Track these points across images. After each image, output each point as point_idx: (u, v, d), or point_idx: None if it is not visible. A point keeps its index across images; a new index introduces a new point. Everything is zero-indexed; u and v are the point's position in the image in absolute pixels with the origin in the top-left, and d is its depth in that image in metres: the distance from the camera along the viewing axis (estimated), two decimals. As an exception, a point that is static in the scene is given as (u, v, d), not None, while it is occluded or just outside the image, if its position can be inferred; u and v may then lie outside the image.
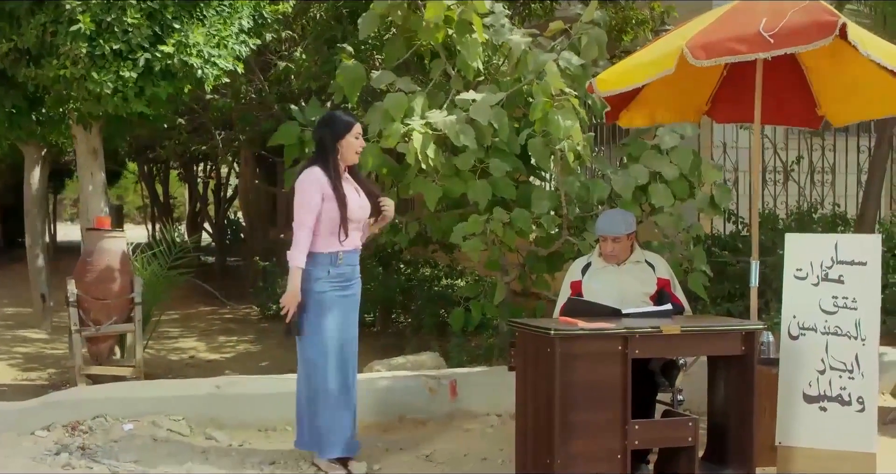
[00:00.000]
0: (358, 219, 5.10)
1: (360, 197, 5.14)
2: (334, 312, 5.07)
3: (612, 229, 5.36)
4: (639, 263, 5.42)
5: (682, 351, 4.78)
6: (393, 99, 6.71)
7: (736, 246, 8.96)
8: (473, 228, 6.67)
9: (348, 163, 5.14)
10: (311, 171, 5.01)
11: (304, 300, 5.04)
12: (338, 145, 5.08)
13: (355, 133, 5.13)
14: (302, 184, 5.02)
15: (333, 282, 5.04)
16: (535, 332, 4.62)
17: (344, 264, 5.06)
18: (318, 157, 5.10)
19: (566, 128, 6.36)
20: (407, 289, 9.69)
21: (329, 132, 5.10)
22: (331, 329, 5.06)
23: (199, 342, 9.83)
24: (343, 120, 5.13)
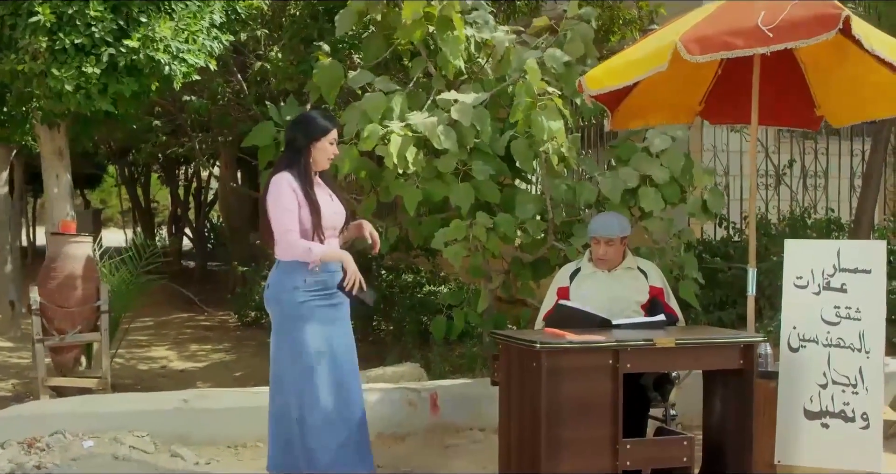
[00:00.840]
0: (333, 225, 4.78)
1: (333, 202, 4.82)
2: (316, 324, 4.68)
3: (605, 230, 5.08)
4: (630, 270, 5.14)
5: (677, 365, 4.49)
6: (371, 99, 6.44)
7: (727, 252, 8.70)
8: (455, 234, 6.39)
9: (319, 169, 4.82)
10: (283, 176, 4.69)
11: (280, 312, 4.72)
12: (311, 148, 4.75)
13: (331, 138, 4.80)
14: (276, 188, 4.69)
15: (312, 291, 4.69)
16: (519, 345, 4.32)
17: (322, 271, 4.72)
18: (288, 160, 4.76)
19: (550, 129, 6.10)
20: (388, 295, 9.37)
21: (303, 133, 4.77)
22: (313, 342, 4.69)
23: (172, 351, 9.50)
24: (319, 122, 4.80)
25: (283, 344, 4.72)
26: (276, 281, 4.73)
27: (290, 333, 4.68)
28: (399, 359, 7.77)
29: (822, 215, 9.70)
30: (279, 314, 4.71)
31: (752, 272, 5.27)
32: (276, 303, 4.71)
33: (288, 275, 4.69)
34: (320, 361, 4.67)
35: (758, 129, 9.74)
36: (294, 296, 4.66)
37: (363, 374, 6.42)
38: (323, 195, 4.77)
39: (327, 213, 4.72)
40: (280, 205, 4.62)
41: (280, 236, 4.62)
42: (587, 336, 4.30)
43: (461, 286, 9.00)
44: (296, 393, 4.68)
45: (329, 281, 4.74)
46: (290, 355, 4.69)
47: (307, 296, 4.68)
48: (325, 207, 4.71)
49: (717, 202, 6.88)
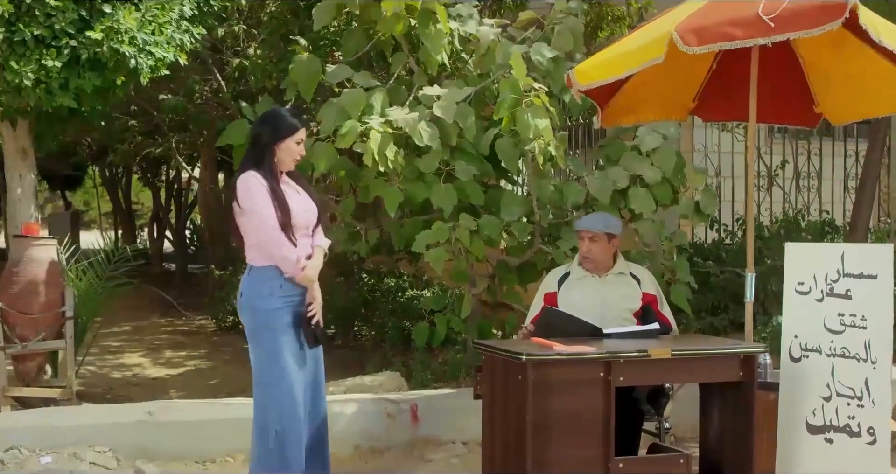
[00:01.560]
0: (304, 224, 4.48)
1: (303, 199, 4.52)
2: (291, 330, 4.41)
3: (588, 224, 4.83)
4: (622, 275, 4.85)
5: (673, 377, 4.20)
6: (350, 95, 6.16)
7: (719, 255, 8.44)
8: (438, 236, 6.11)
9: (284, 169, 4.53)
10: (250, 175, 4.39)
11: (255, 320, 4.42)
12: (276, 147, 4.45)
13: (298, 138, 4.51)
14: (246, 187, 4.39)
15: (286, 297, 4.41)
16: (504, 357, 4.02)
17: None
18: (253, 158, 4.47)
19: (536, 127, 5.82)
20: (369, 300, 9.06)
21: (269, 131, 4.48)
22: (289, 350, 4.39)
23: (147, 357, 9.17)
24: (287, 120, 4.50)
25: (258, 353, 4.46)
26: (249, 287, 4.45)
27: (265, 342, 4.42)
28: (379, 367, 7.48)
29: (815, 217, 9.47)
30: (253, 322, 4.44)
31: (750, 277, 4.98)
32: (250, 311, 4.43)
33: (262, 282, 4.42)
34: (296, 368, 4.41)
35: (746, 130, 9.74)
36: (268, 303, 4.39)
37: (340, 383, 6.16)
38: (291, 192, 4.48)
39: (297, 211, 4.43)
40: (257, 203, 4.35)
41: (264, 235, 4.35)
42: (576, 346, 4.01)
43: (445, 290, 8.71)
44: (274, 404, 4.42)
45: (300, 288, 4.45)
46: (266, 365, 4.43)
47: (282, 302, 4.40)
48: (295, 205, 4.42)
49: (710, 203, 6.62)
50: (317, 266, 4.48)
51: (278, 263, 4.36)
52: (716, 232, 8.98)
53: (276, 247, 4.34)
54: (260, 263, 4.42)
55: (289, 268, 4.36)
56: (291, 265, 4.36)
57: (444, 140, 6.10)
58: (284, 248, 4.34)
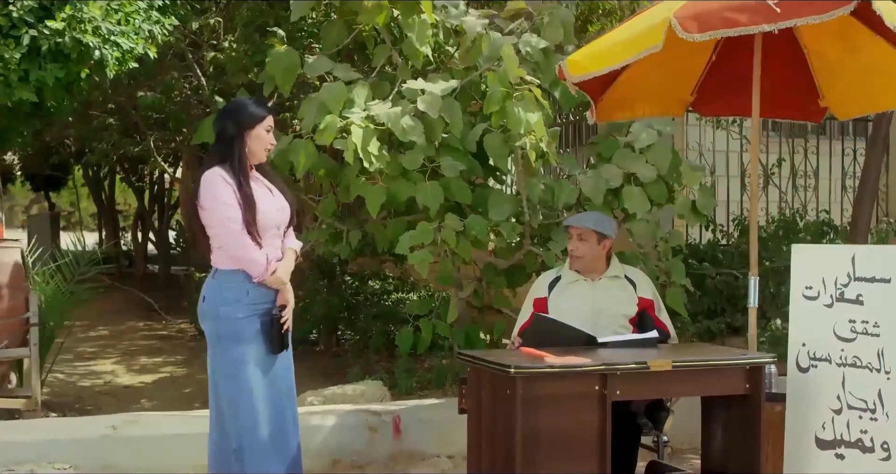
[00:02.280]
0: (275, 223, 4.16)
1: (274, 197, 4.20)
2: (257, 341, 4.08)
3: (576, 221, 4.58)
4: (617, 279, 4.55)
5: (674, 390, 3.88)
6: (330, 89, 5.84)
7: (715, 256, 8.13)
8: (422, 238, 5.80)
9: (255, 161, 4.20)
10: (214, 172, 4.07)
11: (218, 329, 4.10)
12: (245, 137, 4.13)
13: (266, 125, 4.19)
14: (209, 185, 4.07)
15: (254, 305, 4.09)
16: (491, 369, 3.70)
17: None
18: (219, 154, 4.15)
19: (527, 121, 5.51)
20: (353, 304, 8.73)
21: (234, 122, 4.15)
22: (253, 363, 4.07)
23: (121, 364, 8.81)
24: (252, 108, 4.19)
25: (220, 364, 4.13)
26: (214, 292, 4.13)
27: (228, 353, 4.09)
28: (362, 374, 7.16)
29: (813, 217, 9.19)
30: (216, 331, 4.12)
31: (753, 281, 4.69)
32: (213, 318, 4.11)
33: (227, 287, 4.09)
34: (260, 383, 4.09)
35: (742, 127, 9.50)
36: (234, 311, 4.07)
37: (318, 393, 5.84)
38: (261, 190, 4.17)
39: (268, 210, 4.11)
40: (220, 202, 4.02)
41: (226, 237, 4.03)
42: (569, 358, 3.69)
43: (431, 294, 8.40)
44: (233, 419, 4.10)
45: (273, 294, 4.14)
46: (228, 377, 4.10)
47: (249, 310, 4.08)
48: (263, 203, 4.10)
49: (707, 202, 6.34)
50: (288, 268, 4.16)
51: (246, 268, 4.05)
52: (710, 232, 8.69)
53: (241, 250, 4.02)
54: (226, 267, 4.10)
55: (258, 271, 4.05)
56: (261, 269, 4.04)
57: (428, 136, 5.80)
58: (251, 251, 4.02)
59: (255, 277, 4.05)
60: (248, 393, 4.04)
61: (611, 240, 4.58)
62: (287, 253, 4.21)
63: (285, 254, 4.19)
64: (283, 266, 4.13)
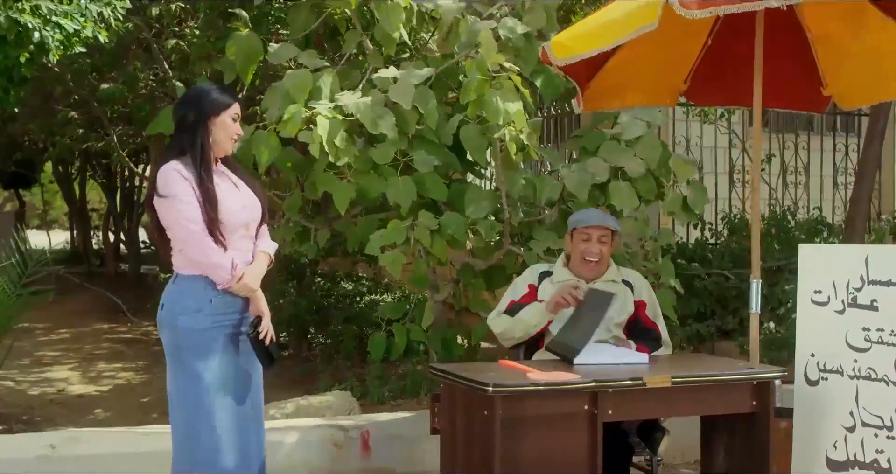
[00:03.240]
0: (242, 222, 3.71)
1: (241, 193, 3.76)
2: (220, 357, 3.63)
3: (602, 219, 4.12)
4: (614, 284, 4.12)
5: (673, 409, 3.45)
6: (295, 76, 5.40)
7: (704, 256, 7.74)
8: (394, 237, 5.38)
9: (221, 154, 3.76)
10: (170, 167, 3.61)
11: (177, 341, 3.64)
12: (208, 126, 3.68)
13: (232, 113, 3.74)
14: (165, 181, 3.61)
15: (219, 315, 3.64)
16: (466, 386, 3.27)
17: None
18: (178, 146, 3.69)
19: (506, 111, 5.09)
20: (323, 306, 8.28)
21: (196, 109, 3.70)
22: (215, 380, 3.62)
23: (77, 370, 8.33)
24: (215, 95, 3.73)
25: (178, 382, 3.67)
26: (173, 300, 3.67)
27: (187, 369, 3.63)
28: (332, 381, 6.72)
29: (804, 215, 8.84)
30: (174, 342, 3.65)
31: (755, 284, 4.28)
32: (172, 329, 3.65)
33: (188, 294, 3.63)
34: (224, 405, 3.64)
35: (730, 122, 9.15)
36: (195, 321, 3.61)
37: (281, 405, 5.41)
38: (225, 185, 3.72)
39: (233, 208, 3.66)
40: (177, 200, 3.55)
41: (185, 238, 3.58)
42: (555, 374, 3.27)
43: (406, 296, 7.97)
44: (192, 444, 3.65)
45: (241, 303, 3.69)
46: (187, 397, 3.65)
47: (213, 321, 3.63)
48: (228, 200, 3.65)
49: (700, 198, 5.93)
50: (258, 273, 3.70)
51: (209, 273, 3.59)
52: (699, 231, 8.31)
53: (201, 253, 3.57)
54: (187, 271, 3.65)
55: (222, 278, 3.59)
56: (225, 274, 3.59)
57: (401, 127, 5.38)
58: (213, 255, 3.57)
59: (219, 284, 3.61)
60: (209, 416, 3.59)
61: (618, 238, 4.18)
62: (258, 256, 3.77)
63: (256, 258, 3.76)
64: (252, 271, 3.68)
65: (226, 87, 3.88)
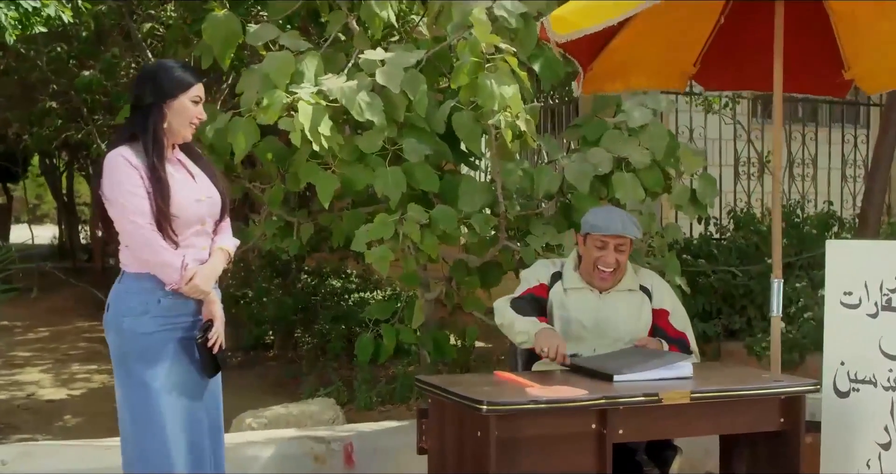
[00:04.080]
0: (197, 217, 3.32)
1: (197, 184, 3.37)
2: (170, 363, 3.25)
3: (623, 228, 3.62)
4: (632, 293, 3.72)
5: (692, 428, 3.03)
6: (275, 59, 5.00)
7: (710, 252, 7.36)
8: (381, 232, 4.99)
9: (178, 140, 3.37)
10: (118, 153, 3.23)
11: (122, 345, 3.26)
12: (164, 109, 3.29)
13: (193, 95, 3.34)
14: (111, 169, 3.22)
15: (168, 317, 3.26)
16: (458, 403, 2.88)
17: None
18: (130, 129, 3.31)
19: (501, 96, 4.69)
20: (309, 305, 7.88)
21: (152, 89, 3.31)
22: (166, 390, 3.24)
23: (49, 372, 7.92)
24: (175, 74, 3.34)
25: (126, 389, 3.29)
26: (118, 300, 3.29)
27: (133, 377, 3.25)
28: (317, 385, 6.33)
29: (812, 209, 8.46)
30: (119, 348, 3.28)
31: (777, 284, 3.90)
32: (117, 331, 3.27)
33: (134, 294, 3.26)
34: (175, 418, 3.26)
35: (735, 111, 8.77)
36: (141, 324, 3.23)
37: (259, 414, 5.02)
38: (180, 175, 3.33)
39: (186, 201, 3.27)
40: (123, 191, 3.18)
41: (131, 233, 3.20)
42: (559, 388, 2.88)
43: (396, 294, 7.59)
44: (140, 464, 3.27)
45: (195, 305, 3.31)
46: (134, 409, 3.27)
47: (160, 324, 3.25)
48: (181, 192, 3.27)
49: (709, 191, 5.52)
50: (212, 273, 3.32)
51: (156, 272, 3.22)
52: (702, 226, 7.94)
53: (148, 250, 3.19)
54: (134, 269, 3.26)
55: (170, 277, 3.21)
56: (174, 274, 3.21)
57: (389, 114, 4.99)
58: (160, 253, 3.18)
59: (167, 284, 3.23)
60: (158, 431, 3.22)
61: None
62: (215, 254, 3.38)
63: (212, 256, 3.37)
64: (205, 271, 3.29)
65: (188, 65, 3.48)
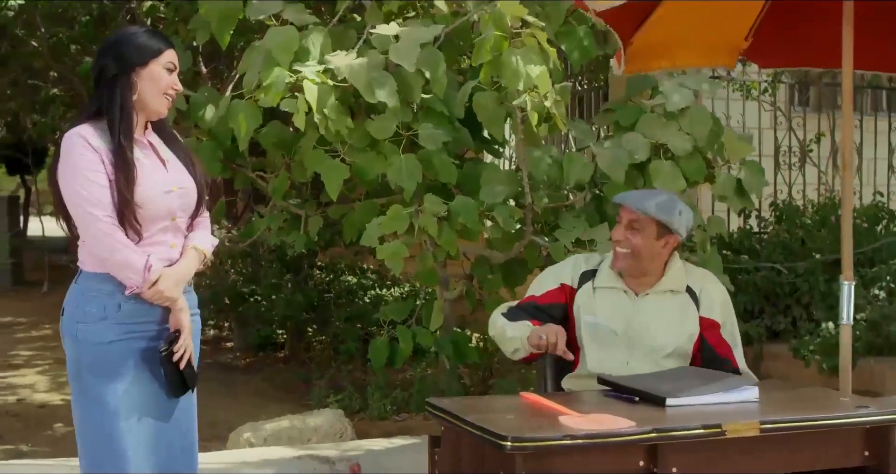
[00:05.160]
0: (166, 209, 2.83)
1: (169, 173, 2.88)
2: (133, 377, 2.79)
3: (633, 200, 3.13)
4: (674, 295, 3.20)
5: (759, 464, 2.50)
6: (277, 34, 4.56)
7: (752, 247, 6.84)
8: (394, 226, 4.55)
9: (151, 116, 2.88)
10: (77, 132, 2.75)
11: (78, 355, 2.80)
12: (133, 79, 2.81)
13: (165, 62, 2.85)
14: (67, 152, 2.74)
15: (129, 324, 2.79)
16: (476, 435, 2.38)
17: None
18: (94, 104, 2.83)
19: (528, 75, 4.19)
20: (322, 302, 7.40)
21: (116, 58, 2.82)
22: (129, 408, 2.77)
23: (46, 374, 7.47)
24: (142, 40, 2.84)
25: (82, 405, 2.83)
26: (74, 304, 2.82)
27: (88, 390, 2.79)
28: (327, 392, 5.86)
29: (858, 200, 7.92)
30: (75, 358, 2.82)
31: (847, 288, 3.38)
32: (71, 339, 2.81)
33: (91, 297, 2.79)
34: (140, 442, 2.79)
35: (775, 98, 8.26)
36: (98, 332, 2.77)
37: (258, 428, 4.55)
38: (150, 161, 2.85)
39: (152, 192, 2.78)
40: (79, 177, 2.71)
41: (87, 225, 2.74)
42: (598, 417, 2.38)
43: (415, 292, 7.12)
44: None
45: (160, 311, 2.83)
46: (89, 424, 2.80)
47: (121, 331, 2.78)
48: (149, 180, 2.79)
49: (756, 181, 5.03)
50: (181, 276, 2.83)
51: (115, 273, 2.75)
52: (741, 218, 7.40)
53: (104, 247, 2.71)
54: (92, 268, 2.80)
55: (131, 280, 2.74)
56: (135, 276, 2.73)
57: (404, 96, 4.52)
58: (119, 250, 2.70)
59: (127, 288, 2.75)
60: (118, 459, 2.74)
61: (676, 237, 3.20)
62: (187, 254, 2.90)
63: (183, 256, 2.89)
64: (172, 274, 2.81)
65: (157, 31, 2.97)
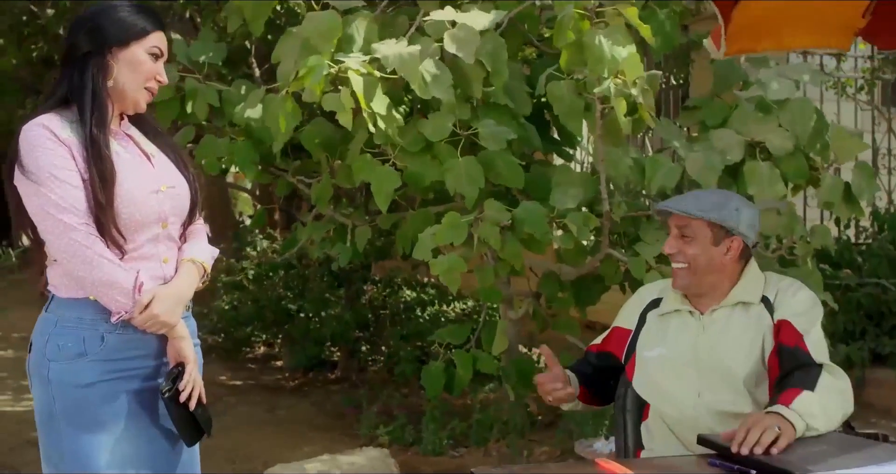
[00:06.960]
0: (155, 214, 2.31)
1: (155, 170, 2.35)
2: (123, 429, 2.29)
3: (677, 204, 2.63)
4: (746, 307, 2.59)
5: None
6: (317, 19, 4.03)
7: (853, 260, 6.15)
8: (450, 236, 3.96)
9: (128, 108, 2.35)
10: (39, 122, 2.23)
11: (48, 400, 2.27)
12: (108, 60, 2.28)
13: (150, 45, 2.32)
14: (28, 145, 2.21)
15: (115, 361, 2.28)
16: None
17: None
18: (60, 89, 2.30)
19: (614, 58, 3.59)
20: (376, 320, 6.85)
21: (89, 36, 2.29)
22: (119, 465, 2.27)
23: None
24: (122, 15, 2.32)
25: (54, 463, 2.30)
26: (44, 337, 2.30)
27: (66, 446, 2.26)
28: (378, 421, 5.29)
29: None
30: (47, 404, 2.29)
31: None
32: (42, 381, 2.29)
33: (68, 328, 2.27)
34: None
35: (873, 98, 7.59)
36: (76, 372, 2.26)
37: (289, 470, 3.99)
38: (130, 156, 2.33)
39: (139, 191, 2.29)
40: (44, 175, 2.20)
41: (57, 237, 2.21)
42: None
43: (477, 310, 6.53)
44: None
45: (155, 342, 2.31)
46: None
47: (105, 371, 2.27)
48: (131, 179, 2.27)
49: (867, 185, 4.34)
50: (179, 296, 2.32)
51: (97, 296, 2.23)
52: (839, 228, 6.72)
53: (83, 264, 2.19)
54: (67, 293, 2.28)
55: (118, 303, 2.22)
56: (123, 299, 2.21)
57: (462, 90, 3.97)
58: (101, 266, 2.19)
59: (113, 313, 2.22)
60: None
61: (740, 239, 2.60)
62: (182, 268, 2.36)
63: (179, 271, 2.35)
64: (169, 294, 2.28)
65: (148, 9, 2.43)
